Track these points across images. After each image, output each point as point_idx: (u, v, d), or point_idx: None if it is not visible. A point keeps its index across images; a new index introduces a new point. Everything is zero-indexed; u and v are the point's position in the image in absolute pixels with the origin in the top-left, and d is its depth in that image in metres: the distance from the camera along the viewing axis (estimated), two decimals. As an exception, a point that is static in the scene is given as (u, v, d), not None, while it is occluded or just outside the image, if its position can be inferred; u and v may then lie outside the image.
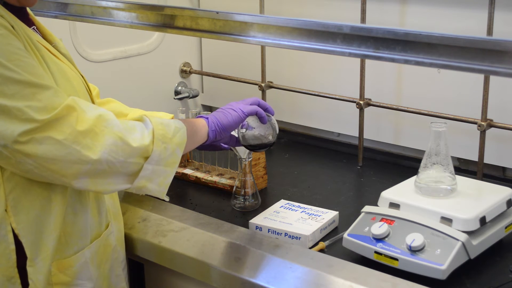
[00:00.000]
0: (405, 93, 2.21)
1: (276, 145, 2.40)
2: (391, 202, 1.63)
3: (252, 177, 1.86)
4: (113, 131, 1.39)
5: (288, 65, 2.47)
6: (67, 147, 1.34)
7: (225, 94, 2.68)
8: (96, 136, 1.37)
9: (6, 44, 1.33)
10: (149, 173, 1.45)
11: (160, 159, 1.45)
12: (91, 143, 1.36)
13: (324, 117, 2.43)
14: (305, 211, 1.79)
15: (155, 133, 1.45)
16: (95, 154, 1.36)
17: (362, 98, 2.19)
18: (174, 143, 1.48)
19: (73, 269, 1.50)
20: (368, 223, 1.60)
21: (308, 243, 1.67)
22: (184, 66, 2.67)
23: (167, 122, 1.49)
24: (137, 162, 1.42)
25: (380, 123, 2.29)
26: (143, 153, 1.42)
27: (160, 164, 1.45)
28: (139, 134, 1.43)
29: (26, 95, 1.32)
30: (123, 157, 1.40)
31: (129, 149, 1.40)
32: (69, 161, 1.35)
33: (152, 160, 1.44)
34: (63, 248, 1.48)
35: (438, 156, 1.64)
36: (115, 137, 1.39)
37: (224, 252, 1.59)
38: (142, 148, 1.42)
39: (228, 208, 1.89)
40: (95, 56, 2.34)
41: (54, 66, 1.44)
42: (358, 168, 2.21)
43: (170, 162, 1.47)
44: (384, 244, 1.54)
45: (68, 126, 1.35)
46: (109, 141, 1.38)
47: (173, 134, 1.48)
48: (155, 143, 1.44)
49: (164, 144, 1.45)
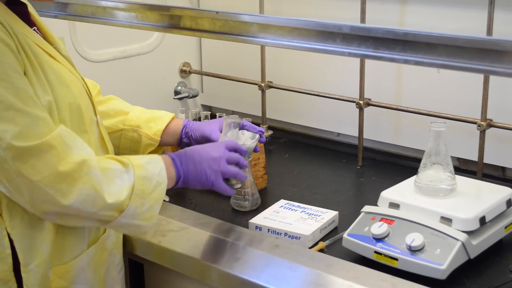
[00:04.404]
0: (405, 92, 2.21)
1: (275, 145, 2.42)
2: (391, 202, 1.63)
3: (251, 177, 1.86)
4: (92, 181, 1.36)
5: (287, 65, 2.47)
6: (40, 188, 1.33)
7: (224, 94, 2.68)
8: (73, 182, 1.34)
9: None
10: (121, 225, 1.44)
11: (136, 214, 1.43)
12: (66, 189, 1.34)
13: (323, 117, 2.43)
14: (305, 211, 1.79)
15: (134, 189, 1.42)
16: (66, 201, 1.34)
17: (362, 98, 2.19)
18: (153, 198, 1.45)
19: (71, 274, 1.49)
20: (367, 223, 1.60)
21: (308, 243, 1.67)
22: (184, 66, 2.67)
23: (151, 175, 1.46)
24: (111, 214, 1.41)
25: (380, 123, 2.29)
26: (118, 207, 1.41)
27: (135, 218, 1.44)
28: (117, 188, 1.40)
29: (5, 117, 1.29)
30: (95, 209, 1.38)
31: (102, 203, 1.38)
32: (39, 199, 1.34)
33: (126, 215, 1.42)
34: (61, 254, 1.47)
35: (437, 156, 1.63)
36: (91, 188, 1.36)
37: (224, 252, 1.59)
38: (116, 204, 1.40)
39: (228, 208, 1.88)
40: (94, 56, 2.34)
41: (52, 73, 1.42)
42: (358, 168, 2.21)
43: (146, 217, 1.45)
44: (383, 244, 1.54)
45: (46, 166, 1.32)
46: (84, 191, 1.35)
47: (153, 189, 1.46)
48: (132, 199, 1.41)
49: (141, 200, 1.43)
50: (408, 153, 2.27)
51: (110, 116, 1.82)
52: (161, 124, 1.83)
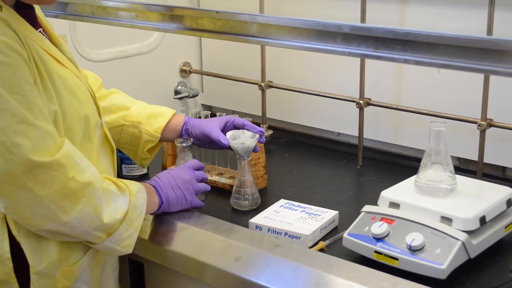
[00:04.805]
0: (405, 92, 2.21)
1: (276, 144, 2.42)
2: (391, 201, 1.63)
3: (251, 177, 1.86)
4: (93, 202, 1.41)
5: (288, 65, 2.47)
6: (44, 204, 1.36)
7: (225, 94, 2.68)
8: (77, 201, 1.39)
9: (12, 75, 1.30)
10: (104, 248, 1.50)
11: (120, 240, 1.50)
12: (69, 207, 1.38)
13: (324, 117, 2.42)
14: (305, 211, 1.79)
15: (127, 215, 1.49)
16: (67, 217, 1.39)
17: (362, 97, 2.19)
18: (134, 226, 1.52)
19: (75, 274, 1.51)
20: (368, 222, 1.60)
21: (308, 242, 1.67)
22: (184, 66, 2.67)
23: (138, 204, 1.52)
24: (100, 236, 1.46)
25: (380, 123, 2.29)
26: (109, 229, 1.47)
27: (118, 244, 1.50)
28: (113, 210, 1.46)
29: (18, 131, 1.30)
30: (90, 228, 1.43)
31: (98, 223, 1.43)
32: (39, 214, 1.37)
33: (113, 239, 1.48)
34: (68, 255, 1.49)
35: (438, 155, 1.63)
36: (92, 208, 1.41)
37: (224, 251, 1.59)
38: (110, 225, 1.45)
39: (228, 208, 1.88)
40: (95, 55, 2.34)
41: (59, 81, 1.42)
42: (358, 168, 2.21)
43: (125, 245, 1.52)
44: (384, 244, 1.54)
45: (54, 183, 1.35)
46: (85, 210, 1.40)
47: (136, 218, 1.52)
48: (122, 224, 1.48)
49: (126, 226, 1.50)
50: (408, 153, 2.27)
51: (111, 111, 1.83)
52: (162, 121, 1.84)
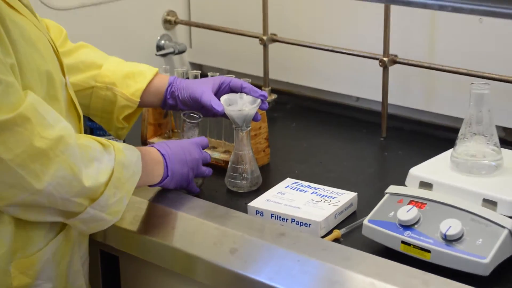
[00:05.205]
0: (439, 47, 2.21)
1: (281, 112, 2.42)
2: (422, 181, 1.64)
3: (251, 151, 1.86)
4: (69, 161, 1.41)
5: (295, 14, 2.47)
6: (10, 169, 1.36)
7: (218, 50, 2.68)
8: (49, 162, 1.39)
9: None
10: (88, 217, 1.50)
11: (106, 206, 1.50)
12: (40, 170, 1.39)
13: (339, 78, 2.43)
14: (316, 192, 1.79)
15: (113, 175, 1.50)
16: (39, 183, 1.39)
17: (387, 54, 2.18)
18: (125, 189, 1.54)
19: (35, 268, 1.51)
20: (393, 206, 1.60)
21: (320, 231, 1.67)
22: (168, 15, 2.66)
23: (128, 162, 1.54)
24: (81, 203, 1.46)
25: (409, 85, 2.29)
26: (92, 194, 1.47)
27: (103, 210, 1.51)
28: (95, 170, 1.47)
29: None
30: (69, 195, 1.43)
31: (79, 187, 1.44)
32: (7, 183, 1.38)
33: (97, 205, 1.49)
34: (24, 245, 1.49)
35: (479, 125, 1.64)
36: (68, 169, 1.41)
37: (217, 242, 1.60)
38: (93, 189, 1.46)
39: (222, 189, 1.89)
40: (58, 2, 2.33)
41: (15, 30, 1.42)
42: (381, 140, 2.21)
43: (113, 211, 1.53)
44: (413, 233, 1.54)
45: (19, 143, 1.36)
46: (60, 172, 1.41)
47: (128, 179, 1.54)
48: (108, 187, 1.49)
49: (115, 189, 1.51)
50: (442, 122, 2.28)
51: (79, 70, 1.84)
52: (142, 81, 1.84)
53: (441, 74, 2.17)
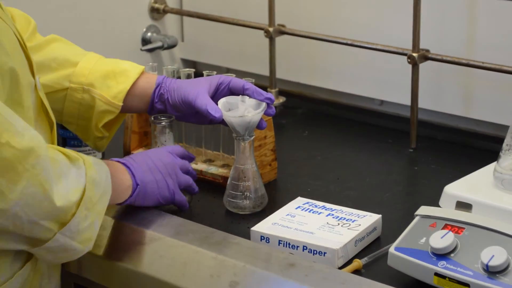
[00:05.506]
0: (480, 41, 2.21)
1: (290, 118, 2.43)
2: (459, 200, 1.64)
3: (255, 165, 1.86)
4: (39, 177, 1.42)
5: (307, 1, 2.47)
6: None
7: (215, 44, 2.69)
8: (17, 177, 1.39)
9: None
10: (57, 246, 1.50)
11: (76, 232, 1.51)
12: (6, 187, 1.39)
13: (360, 77, 2.44)
14: (333, 215, 1.79)
15: (85, 194, 1.50)
16: (4, 202, 1.39)
17: (417, 49, 2.19)
18: (96, 211, 1.54)
19: None
20: (425, 231, 1.60)
21: (338, 260, 1.67)
22: (156, 3, 2.68)
23: (99, 179, 1.55)
24: (50, 228, 1.47)
25: (443, 86, 2.30)
26: (62, 216, 1.47)
27: (73, 238, 1.51)
28: (65, 188, 1.47)
29: None
30: (37, 217, 1.44)
31: (49, 207, 1.45)
32: None
33: (67, 231, 1.49)
34: None
35: (528, 133, 1.63)
36: (39, 186, 1.42)
37: (214, 274, 1.59)
38: (64, 209, 1.47)
39: (220, 210, 1.89)
40: (25, -13, 2.33)
41: None
42: (411, 152, 2.22)
43: (85, 238, 1.53)
44: (448, 263, 1.54)
45: None
46: (29, 190, 1.41)
47: (98, 199, 1.54)
48: (79, 208, 1.50)
49: (86, 211, 1.51)
50: (483, 130, 2.28)
51: (50, 68, 1.85)
52: (125, 82, 1.85)
53: (481, 72, 2.17)
